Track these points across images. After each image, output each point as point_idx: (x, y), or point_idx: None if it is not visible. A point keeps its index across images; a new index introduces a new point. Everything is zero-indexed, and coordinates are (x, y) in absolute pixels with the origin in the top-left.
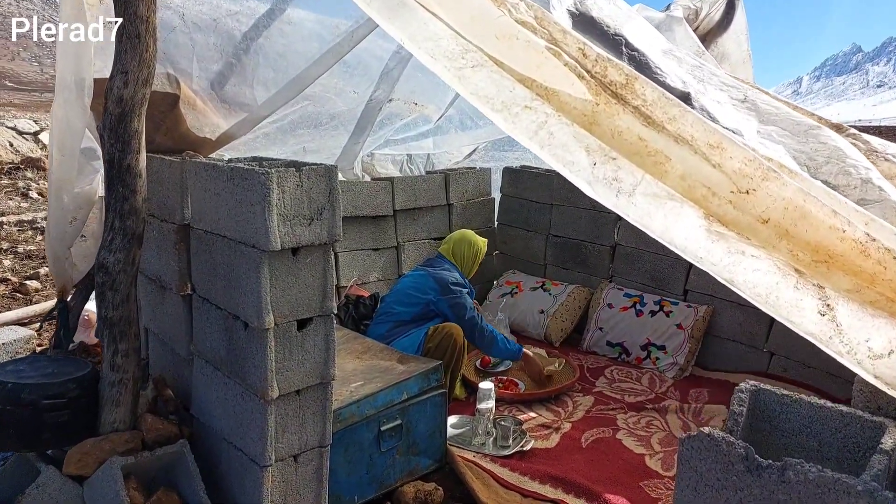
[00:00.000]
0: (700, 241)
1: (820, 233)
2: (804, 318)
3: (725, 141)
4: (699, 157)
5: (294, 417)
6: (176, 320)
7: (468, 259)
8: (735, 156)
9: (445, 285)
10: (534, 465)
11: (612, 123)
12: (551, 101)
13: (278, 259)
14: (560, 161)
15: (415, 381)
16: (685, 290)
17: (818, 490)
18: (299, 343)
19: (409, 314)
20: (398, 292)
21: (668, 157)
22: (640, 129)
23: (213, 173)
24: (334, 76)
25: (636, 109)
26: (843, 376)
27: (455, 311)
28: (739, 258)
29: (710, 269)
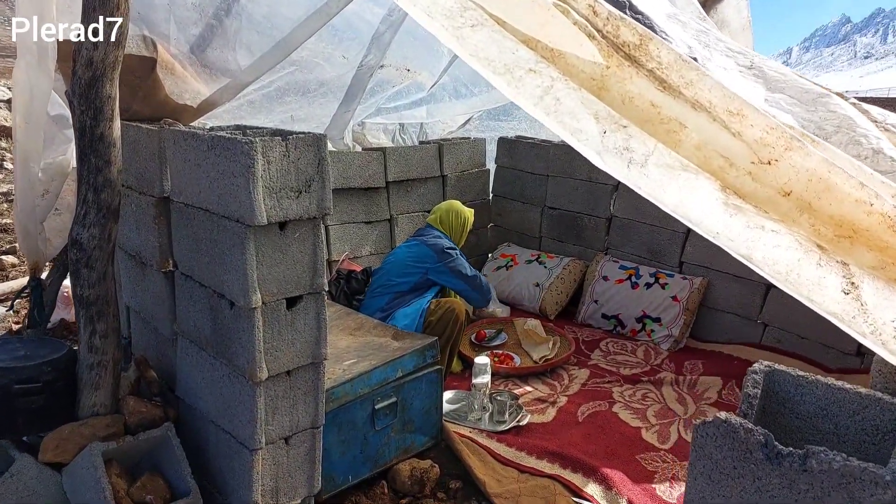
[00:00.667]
0: (717, 215)
1: (845, 206)
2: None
3: (746, 108)
4: (718, 125)
5: (285, 399)
6: (158, 298)
7: (457, 229)
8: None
9: (441, 251)
10: (530, 440)
11: (622, 88)
12: (557, 63)
13: (265, 234)
14: (567, 129)
15: (410, 357)
16: (681, 262)
17: (843, 480)
18: (289, 322)
19: (407, 284)
20: (395, 264)
21: (683, 125)
22: (654, 94)
23: (192, 143)
24: (322, 40)
25: (651, 73)
26: (837, 347)
27: (456, 273)
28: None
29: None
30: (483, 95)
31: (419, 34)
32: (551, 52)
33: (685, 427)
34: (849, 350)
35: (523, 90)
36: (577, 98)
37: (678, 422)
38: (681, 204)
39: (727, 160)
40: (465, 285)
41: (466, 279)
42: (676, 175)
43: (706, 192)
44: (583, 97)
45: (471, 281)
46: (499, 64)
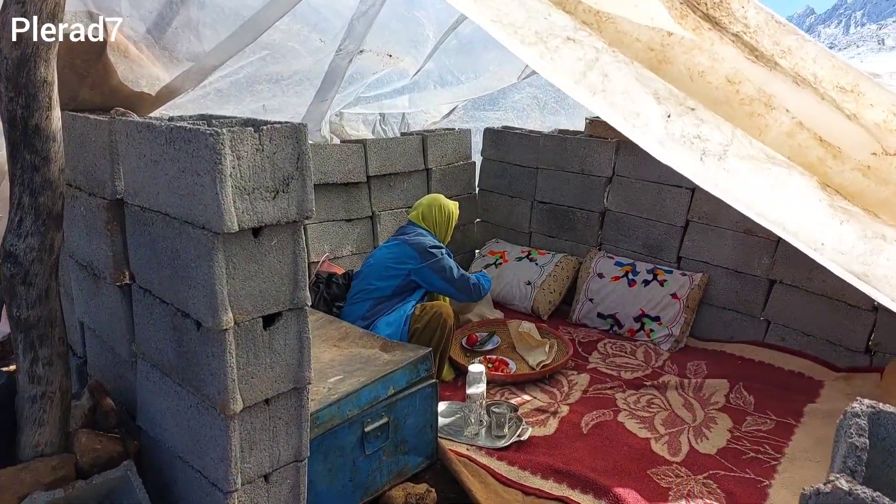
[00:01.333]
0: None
1: None
2: None
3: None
4: (828, 105)
5: (263, 431)
6: (113, 315)
7: (441, 224)
8: (879, 102)
9: (424, 250)
10: (533, 456)
11: (691, 60)
12: (604, 30)
13: (236, 242)
14: (620, 113)
15: (402, 372)
16: (679, 258)
17: None
18: (266, 343)
19: (389, 288)
20: (374, 266)
21: (769, 107)
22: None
23: (148, 135)
24: (297, 21)
25: (737, 38)
26: (845, 345)
27: (442, 274)
28: (880, 245)
29: (835, 259)
30: (471, 83)
31: (402, 15)
32: (596, 15)
33: (695, 436)
34: (857, 347)
35: (560, 65)
36: (631, 73)
37: (687, 430)
38: (772, 207)
39: (833, 150)
40: (451, 288)
41: (453, 281)
42: (765, 170)
43: (805, 192)
44: (638, 72)
45: (458, 283)
46: (528, 32)
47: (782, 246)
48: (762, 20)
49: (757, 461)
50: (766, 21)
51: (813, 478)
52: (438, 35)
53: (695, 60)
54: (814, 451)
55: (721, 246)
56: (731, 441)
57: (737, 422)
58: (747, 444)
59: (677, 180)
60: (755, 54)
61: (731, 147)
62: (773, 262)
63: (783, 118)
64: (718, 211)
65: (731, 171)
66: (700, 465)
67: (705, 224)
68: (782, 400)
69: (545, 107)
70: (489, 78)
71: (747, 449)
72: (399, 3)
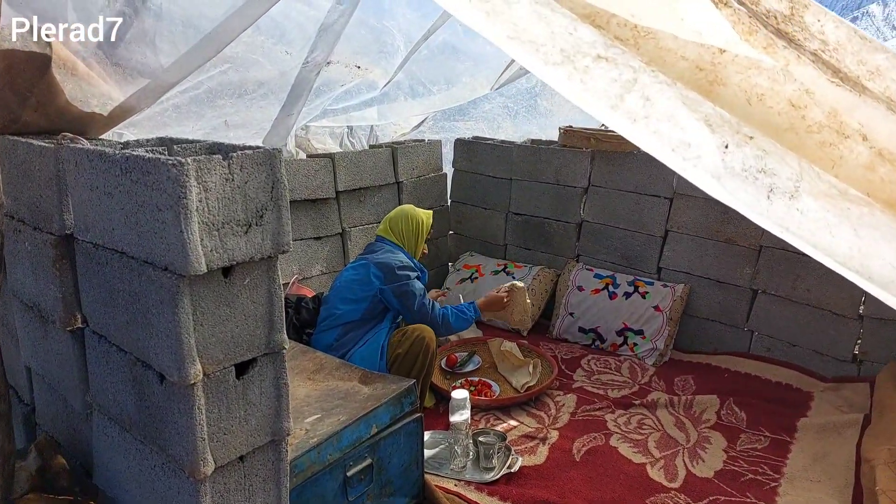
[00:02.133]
0: None
1: None
2: None
3: None
4: None
5: (238, 491)
6: (64, 362)
7: (409, 235)
8: None
9: (390, 270)
10: (525, 489)
11: (746, 82)
12: (641, 47)
13: (204, 285)
14: (666, 143)
15: (385, 408)
16: (659, 268)
17: None
18: (240, 394)
19: (357, 312)
20: (339, 289)
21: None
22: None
23: (100, 164)
24: (261, 33)
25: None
26: (831, 354)
27: (402, 300)
28: None
29: None
30: (442, 94)
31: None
32: (633, 30)
33: (691, 458)
34: (844, 357)
35: (592, 87)
36: (676, 96)
37: (682, 452)
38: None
39: None
40: (408, 316)
41: (411, 310)
42: (843, 210)
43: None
44: (684, 95)
45: (417, 314)
46: (552, 50)
47: (764, 255)
48: (843, 36)
49: (756, 483)
50: (849, 37)
51: (815, 499)
52: (409, 45)
53: (752, 81)
54: (812, 469)
55: (702, 256)
56: (727, 462)
57: (731, 441)
58: (744, 464)
59: (655, 190)
60: (839, 76)
61: (802, 183)
62: (756, 271)
63: (859, 148)
64: (698, 220)
65: (805, 211)
66: (699, 490)
67: (685, 234)
68: (774, 415)
69: (516, 116)
70: (462, 88)
71: (745, 470)
72: (368, 13)
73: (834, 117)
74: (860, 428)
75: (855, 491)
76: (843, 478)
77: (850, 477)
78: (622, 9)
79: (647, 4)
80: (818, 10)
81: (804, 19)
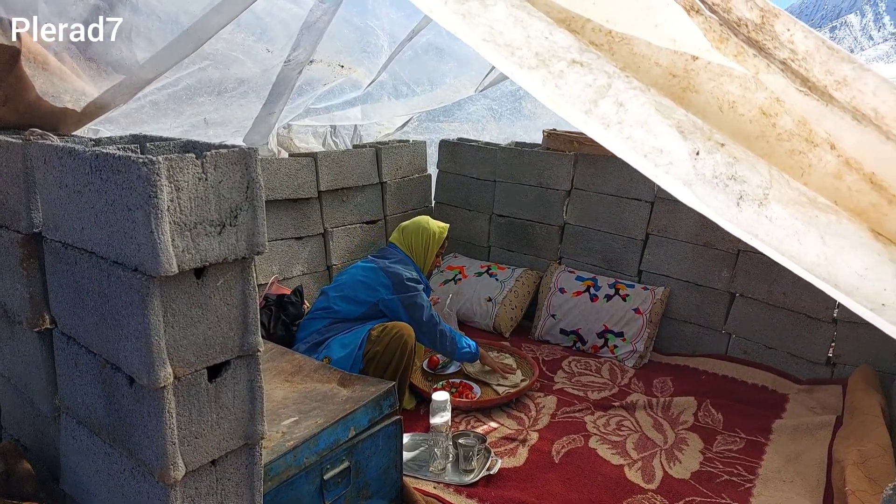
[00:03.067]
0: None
1: None
2: None
3: None
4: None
5: (210, 496)
6: (31, 364)
7: (419, 249)
8: None
9: (400, 282)
10: (504, 491)
11: (718, 89)
12: (616, 52)
13: (175, 286)
14: (639, 149)
15: (364, 411)
16: (639, 271)
17: None
18: (212, 398)
19: (354, 313)
20: (343, 286)
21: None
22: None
23: (70, 162)
24: (241, 30)
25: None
26: (806, 357)
27: (411, 311)
28: None
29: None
30: (426, 95)
31: (356, 24)
32: (608, 35)
33: (668, 460)
34: (818, 360)
35: (567, 92)
36: (650, 102)
37: (660, 453)
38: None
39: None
40: (416, 329)
41: (420, 323)
42: (811, 217)
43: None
44: (658, 101)
45: (425, 326)
46: (527, 53)
47: (742, 259)
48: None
49: (731, 484)
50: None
51: (788, 499)
52: (393, 45)
53: (724, 89)
54: (785, 470)
55: (681, 259)
56: (703, 463)
57: (707, 442)
58: (720, 465)
59: (637, 193)
60: (807, 85)
61: (771, 190)
62: (734, 275)
63: (828, 156)
64: (678, 224)
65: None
66: (675, 491)
67: (665, 237)
68: (749, 417)
69: (501, 118)
70: (445, 90)
71: (720, 471)
72: (352, 11)
73: (804, 126)
74: (832, 429)
75: (826, 491)
76: (815, 478)
77: (822, 477)
78: (597, 14)
79: (622, 11)
80: (788, 20)
81: (774, 28)
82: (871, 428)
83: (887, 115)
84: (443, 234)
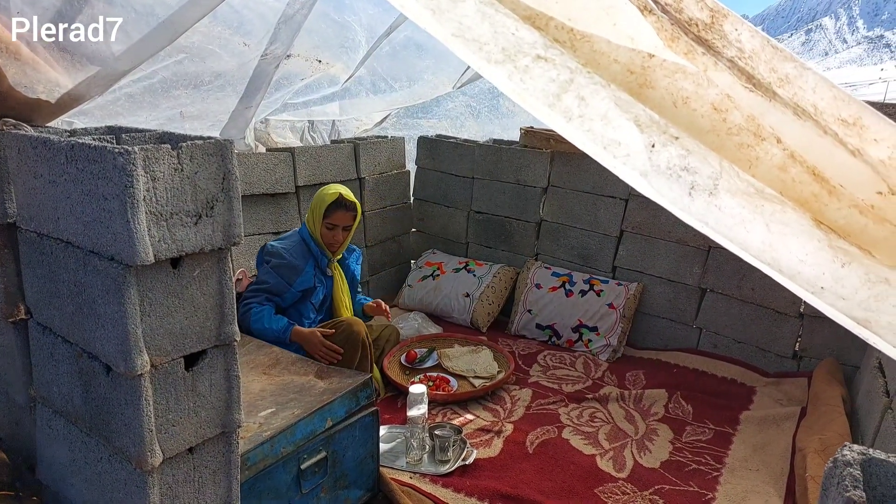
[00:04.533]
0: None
1: None
2: None
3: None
4: (830, 140)
5: (187, 483)
6: (6, 354)
7: (309, 212)
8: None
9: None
10: (479, 480)
11: (674, 86)
12: (578, 49)
13: (151, 275)
14: (597, 141)
15: (340, 402)
16: (613, 267)
17: None
18: (189, 386)
19: None
20: None
21: (760, 137)
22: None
23: (44, 152)
24: (219, 23)
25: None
26: (774, 351)
27: None
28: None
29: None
30: (405, 91)
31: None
32: (570, 33)
33: (638, 450)
34: (785, 353)
35: (532, 86)
36: (609, 97)
37: (631, 444)
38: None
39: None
40: None
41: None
42: (758, 206)
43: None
44: (617, 96)
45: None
46: (494, 49)
47: (713, 255)
48: (757, 45)
49: (699, 473)
50: (762, 46)
51: (753, 487)
52: (371, 41)
53: (678, 85)
54: (752, 459)
55: (654, 255)
56: (672, 453)
57: (677, 432)
58: (689, 455)
59: (611, 191)
60: (752, 82)
61: (720, 181)
62: (705, 271)
63: (774, 150)
64: (651, 221)
65: (724, 208)
66: (645, 480)
67: (639, 234)
68: (718, 408)
69: (479, 115)
70: (424, 86)
71: (689, 461)
72: (329, 6)
73: (752, 121)
74: (797, 420)
75: (790, 478)
76: (780, 466)
77: (786, 466)
78: (560, 13)
79: (583, 9)
80: (736, 20)
81: (723, 28)
82: (833, 417)
83: (825, 111)
84: (324, 200)
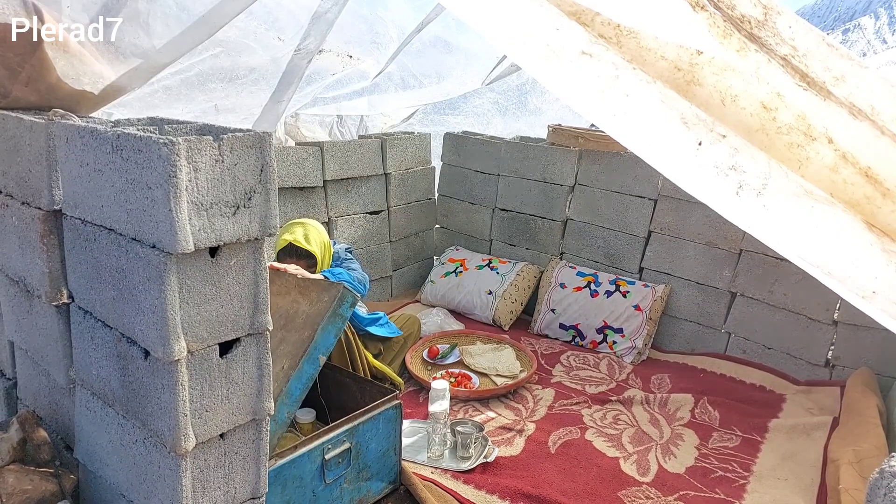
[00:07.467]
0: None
1: None
2: None
3: None
4: (888, 140)
5: (218, 468)
6: (49, 337)
7: None
8: None
9: None
10: (500, 478)
11: (721, 83)
12: (623, 45)
13: (191, 263)
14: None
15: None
16: (641, 268)
17: None
18: (223, 373)
19: None
20: None
21: (811, 137)
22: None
23: (91, 142)
24: (253, 18)
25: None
26: (805, 359)
27: None
28: None
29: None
30: (433, 87)
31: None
32: (616, 28)
33: (663, 454)
34: (817, 361)
35: (576, 81)
36: (655, 94)
37: (655, 448)
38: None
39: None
40: None
41: None
42: (807, 207)
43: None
44: (663, 93)
45: None
46: (539, 44)
47: (744, 259)
48: (812, 43)
49: (726, 480)
50: (817, 44)
51: (781, 497)
52: (402, 37)
53: (727, 83)
54: (780, 468)
55: (683, 258)
56: (698, 459)
57: (703, 438)
58: (715, 461)
59: (640, 191)
60: (806, 80)
61: (769, 181)
62: (735, 274)
63: (825, 150)
64: (681, 222)
65: (771, 208)
66: (670, 485)
67: (668, 235)
68: (746, 415)
69: (506, 112)
70: (452, 82)
71: (715, 467)
72: (362, 3)
73: (803, 120)
74: (829, 430)
75: (820, 490)
76: (810, 477)
77: (816, 476)
78: (606, 8)
79: (631, 5)
80: (790, 17)
81: (776, 25)
82: (868, 429)
83: (883, 112)
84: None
